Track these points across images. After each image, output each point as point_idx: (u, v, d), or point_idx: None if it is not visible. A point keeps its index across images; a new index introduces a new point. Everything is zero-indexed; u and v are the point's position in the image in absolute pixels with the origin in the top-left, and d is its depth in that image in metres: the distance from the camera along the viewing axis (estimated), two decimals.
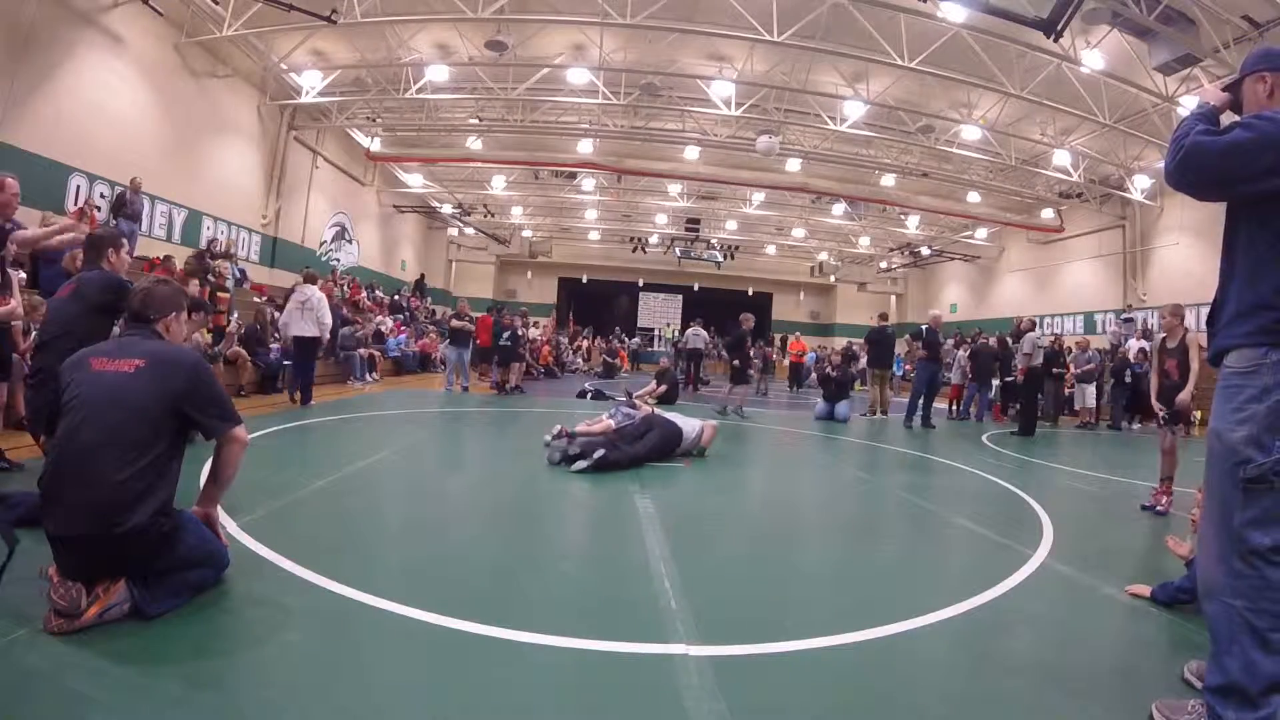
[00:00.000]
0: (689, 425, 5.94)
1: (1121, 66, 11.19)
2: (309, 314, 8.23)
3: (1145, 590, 2.91)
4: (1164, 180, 1.92)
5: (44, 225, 8.24)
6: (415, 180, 22.06)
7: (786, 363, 18.23)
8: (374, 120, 16.88)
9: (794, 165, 17.93)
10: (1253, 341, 1.71)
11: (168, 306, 2.50)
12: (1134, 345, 13.22)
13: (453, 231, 27.17)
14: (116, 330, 3.46)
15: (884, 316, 13.09)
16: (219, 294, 9.53)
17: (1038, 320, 20.49)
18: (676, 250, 27.31)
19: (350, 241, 19.96)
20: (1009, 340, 12.21)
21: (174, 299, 2.55)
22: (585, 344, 24.62)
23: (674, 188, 22.20)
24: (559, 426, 6.24)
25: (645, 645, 2.19)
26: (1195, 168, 1.76)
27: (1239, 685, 1.62)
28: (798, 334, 22.28)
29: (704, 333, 17.51)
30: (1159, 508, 4.83)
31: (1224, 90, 2.02)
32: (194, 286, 7.88)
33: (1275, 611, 1.61)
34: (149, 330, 2.44)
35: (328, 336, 8.92)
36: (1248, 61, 1.99)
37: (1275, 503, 1.63)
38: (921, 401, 10.25)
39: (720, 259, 27.56)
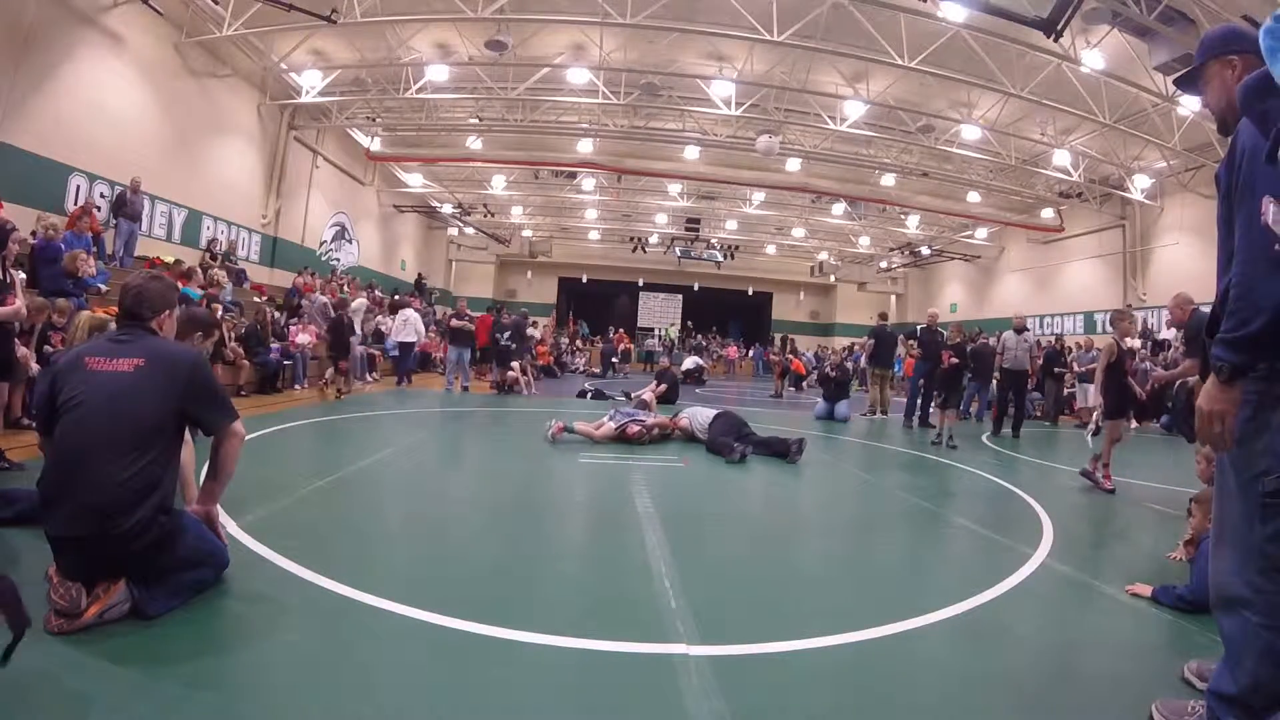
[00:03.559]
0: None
1: (1121, 66, 11.18)
2: (409, 326, 12.82)
3: (1146, 590, 2.90)
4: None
5: (40, 223, 8.29)
6: (415, 180, 22.05)
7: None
8: (374, 120, 16.88)
9: (794, 165, 17.93)
10: None
11: (161, 304, 2.47)
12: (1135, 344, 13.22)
13: (453, 231, 27.16)
14: None
15: (884, 316, 13.08)
16: (212, 304, 9.40)
17: (1037, 320, 20.64)
18: (676, 250, 27.30)
19: (350, 241, 19.95)
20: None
21: (167, 296, 2.52)
22: (581, 343, 24.62)
23: (674, 187, 22.19)
24: (557, 423, 6.36)
25: (645, 645, 2.19)
26: None
27: (1243, 699, 1.59)
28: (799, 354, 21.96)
29: (700, 360, 20.84)
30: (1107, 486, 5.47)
31: (1181, 79, 1.87)
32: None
33: None
34: (144, 328, 2.40)
35: (423, 339, 13.94)
36: (1210, 42, 1.83)
37: None
38: (920, 401, 10.26)
39: (720, 259, 27.56)
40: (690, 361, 19.84)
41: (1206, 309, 1.98)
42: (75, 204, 9.79)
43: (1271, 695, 1.56)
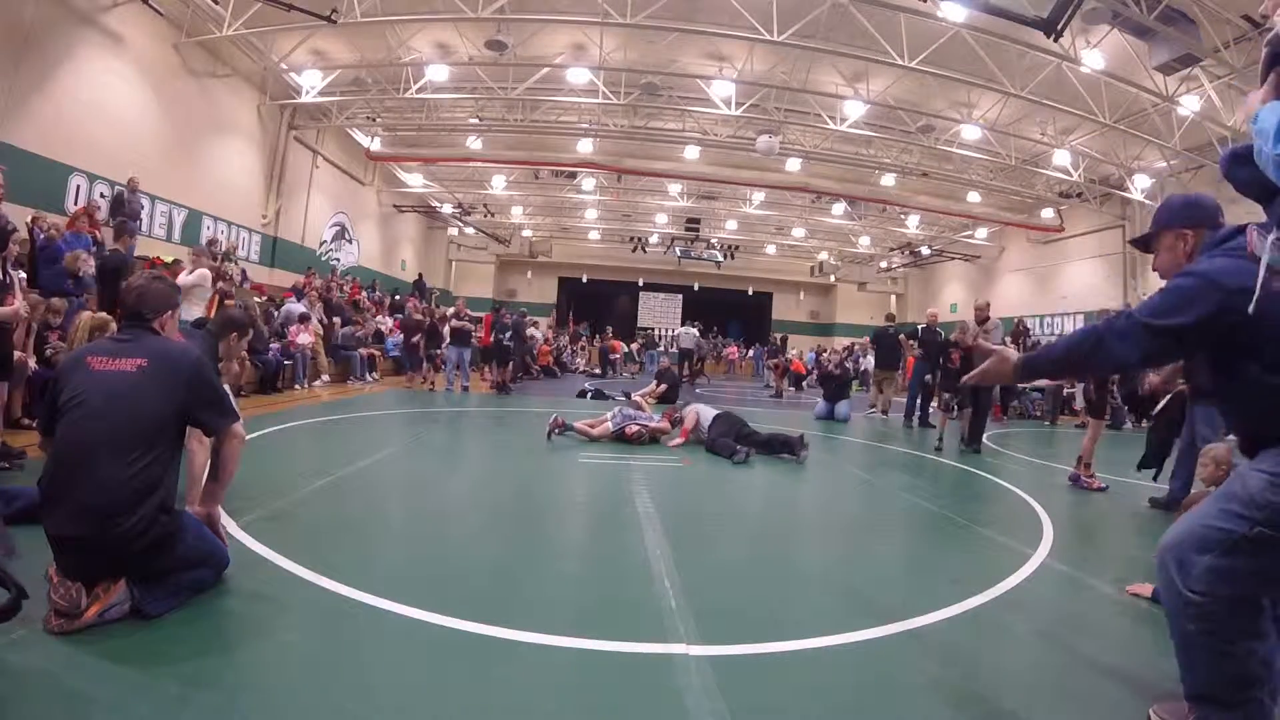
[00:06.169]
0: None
1: (1121, 66, 11.19)
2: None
3: (1146, 590, 2.90)
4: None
5: (34, 221, 8.28)
6: (415, 180, 22.05)
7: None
8: (374, 120, 16.87)
9: (794, 165, 17.92)
10: None
11: (164, 304, 2.48)
12: None
13: (453, 231, 27.15)
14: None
15: (890, 317, 13.05)
16: (225, 301, 9.43)
17: (1037, 320, 20.62)
18: (676, 250, 27.28)
19: (350, 241, 19.95)
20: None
21: (170, 296, 2.53)
22: (585, 342, 24.62)
23: (674, 187, 22.18)
24: (555, 415, 6.42)
25: (645, 645, 2.19)
26: None
27: (1213, 694, 1.64)
28: (799, 352, 21.93)
29: (695, 332, 18.53)
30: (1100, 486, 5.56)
31: (1136, 240, 1.99)
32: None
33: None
34: (146, 328, 2.41)
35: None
36: (1167, 211, 1.90)
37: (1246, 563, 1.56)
38: (920, 401, 10.26)
39: (720, 259, 27.54)
40: (688, 339, 17.58)
41: None
42: (75, 204, 9.79)
43: (1237, 681, 1.60)
